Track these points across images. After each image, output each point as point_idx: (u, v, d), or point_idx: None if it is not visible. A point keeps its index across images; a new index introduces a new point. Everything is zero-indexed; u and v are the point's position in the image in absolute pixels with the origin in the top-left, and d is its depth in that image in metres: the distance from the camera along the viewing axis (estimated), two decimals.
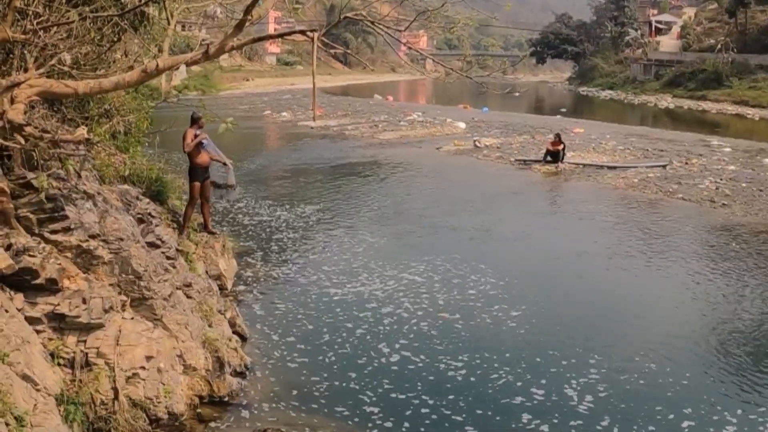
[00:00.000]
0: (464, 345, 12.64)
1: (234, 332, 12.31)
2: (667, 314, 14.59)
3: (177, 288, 11.31)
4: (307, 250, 18.16)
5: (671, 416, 10.43)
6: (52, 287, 9.06)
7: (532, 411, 10.48)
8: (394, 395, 10.89)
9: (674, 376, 11.67)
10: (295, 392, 10.95)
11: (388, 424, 10.10)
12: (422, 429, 10.00)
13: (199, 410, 10.18)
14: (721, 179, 28.36)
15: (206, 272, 13.79)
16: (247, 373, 11.33)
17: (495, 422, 10.25)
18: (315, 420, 10.21)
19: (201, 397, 10.36)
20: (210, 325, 11.55)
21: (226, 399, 10.51)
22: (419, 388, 11.08)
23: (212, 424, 9.98)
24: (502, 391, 11.08)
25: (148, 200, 12.61)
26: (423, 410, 10.47)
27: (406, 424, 10.09)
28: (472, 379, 11.48)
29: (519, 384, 11.28)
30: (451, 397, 10.90)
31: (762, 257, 18.41)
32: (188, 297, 11.64)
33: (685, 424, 10.28)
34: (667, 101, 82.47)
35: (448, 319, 13.31)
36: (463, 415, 10.38)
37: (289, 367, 11.80)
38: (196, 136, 14.28)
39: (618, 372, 11.74)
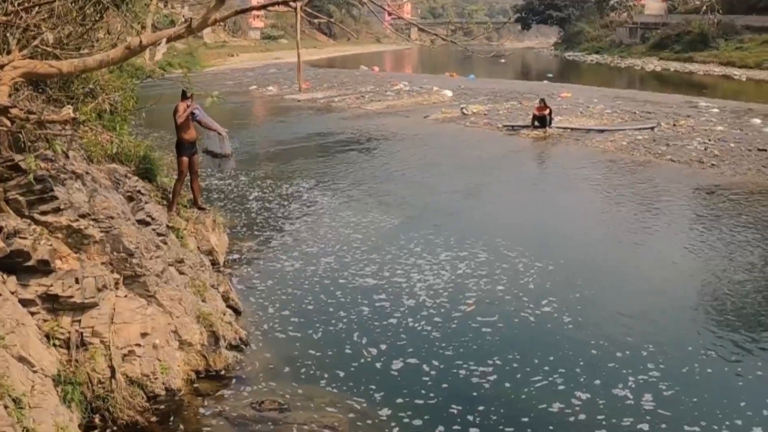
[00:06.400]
0: (464, 317, 12.70)
1: (228, 306, 12.34)
2: (661, 275, 14.68)
3: (169, 264, 11.33)
4: (299, 223, 18.18)
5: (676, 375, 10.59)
6: (44, 268, 9.06)
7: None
8: (391, 366, 10.97)
9: (670, 338, 11.82)
10: (291, 365, 11.02)
11: (385, 395, 10.18)
12: (420, 401, 10.06)
13: (196, 385, 10.24)
14: (709, 140, 28.39)
15: (198, 248, 13.81)
16: (242, 346, 11.39)
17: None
18: (312, 392, 10.27)
19: (198, 372, 10.41)
20: (203, 300, 11.59)
21: (223, 373, 10.57)
22: (417, 358, 11.15)
23: (210, 399, 10.04)
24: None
25: (136, 178, 12.60)
26: (421, 381, 10.54)
27: (404, 396, 10.16)
28: (471, 344, 11.60)
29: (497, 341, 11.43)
30: (449, 354, 11.10)
31: (752, 216, 18.52)
32: (181, 273, 11.67)
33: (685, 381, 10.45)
34: (653, 64, 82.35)
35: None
36: (465, 381, 10.52)
37: (285, 340, 11.87)
38: (188, 107, 14.24)
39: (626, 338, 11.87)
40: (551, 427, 9.38)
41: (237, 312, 12.60)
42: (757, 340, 11.83)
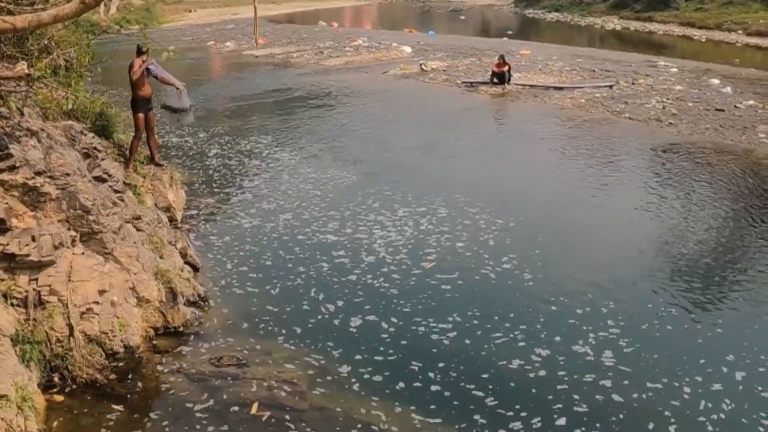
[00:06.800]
0: (423, 274, 12.76)
1: (186, 263, 12.30)
2: (619, 233, 14.86)
3: (126, 221, 11.23)
4: (257, 180, 18.11)
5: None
6: (0, 227, 8.96)
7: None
8: (349, 323, 11.03)
9: (629, 295, 12.02)
10: (249, 321, 11.05)
11: (344, 352, 10.24)
12: (380, 358, 10.13)
13: (154, 342, 10.26)
14: (667, 99, 28.53)
15: (155, 204, 13.69)
16: (200, 303, 11.39)
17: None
18: (270, 347, 10.33)
19: (156, 329, 10.42)
20: (161, 257, 11.54)
21: (181, 329, 10.58)
22: (375, 315, 11.22)
23: (169, 355, 10.06)
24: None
25: (93, 135, 12.43)
26: (380, 338, 10.61)
27: (363, 353, 10.23)
28: (430, 301, 11.68)
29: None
30: (408, 311, 11.19)
31: (709, 175, 18.72)
32: (138, 230, 11.58)
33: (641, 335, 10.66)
34: (613, 23, 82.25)
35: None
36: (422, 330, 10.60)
37: (243, 296, 11.88)
38: (143, 63, 14.04)
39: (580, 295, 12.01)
40: (512, 384, 9.50)
41: (195, 268, 12.58)
42: (715, 298, 12.04)
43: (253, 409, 8.99)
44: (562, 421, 8.77)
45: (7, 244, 8.97)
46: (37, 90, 11.55)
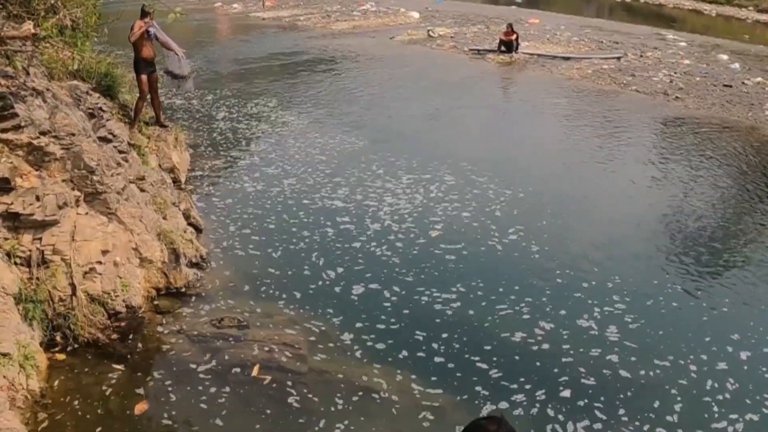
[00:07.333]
0: (428, 243, 12.72)
1: (189, 224, 12.31)
2: (626, 207, 14.81)
3: (130, 182, 11.22)
4: (262, 144, 18.02)
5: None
6: (4, 186, 8.94)
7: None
8: (351, 290, 11.02)
9: (635, 271, 11.98)
10: (250, 283, 11.07)
11: (345, 319, 10.25)
12: (382, 326, 10.13)
13: (156, 302, 10.31)
14: (675, 73, 28.32)
15: (159, 165, 13.65)
16: (203, 264, 11.42)
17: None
18: (271, 310, 10.37)
19: (158, 290, 10.46)
20: (164, 218, 11.54)
21: (183, 290, 10.63)
22: (378, 284, 11.20)
23: (170, 316, 10.10)
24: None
25: (98, 95, 12.38)
26: (382, 307, 10.61)
27: (365, 320, 10.23)
28: (434, 271, 11.66)
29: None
30: (411, 281, 11.14)
31: (715, 149, 18.64)
32: (142, 190, 11.57)
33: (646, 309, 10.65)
34: None
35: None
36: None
37: (245, 258, 11.88)
38: (144, 24, 13.95)
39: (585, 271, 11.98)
40: (516, 357, 9.49)
41: (198, 230, 12.59)
42: (722, 275, 12.01)
43: (254, 372, 9.02)
44: (566, 393, 8.79)
45: (12, 203, 8.94)
46: (43, 50, 11.47)
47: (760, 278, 11.93)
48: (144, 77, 14.11)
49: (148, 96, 14.34)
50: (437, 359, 9.36)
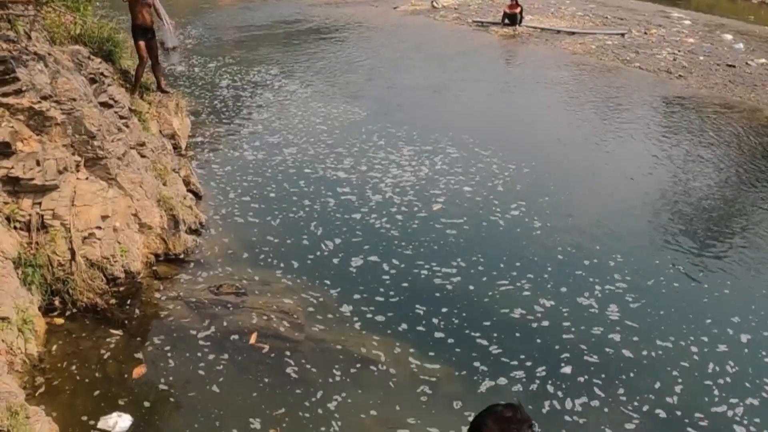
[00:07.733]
0: (429, 217, 12.67)
1: (188, 191, 12.32)
2: (628, 186, 14.73)
3: (131, 147, 11.17)
4: (264, 112, 17.92)
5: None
6: (5, 150, 8.91)
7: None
8: (350, 262, 10.99)
9: (637, 250, 11.92)
10: (249, 250, 11.07)
11: (343, 290, 10.23)
12: (381, 299, 10.11)
13: (155, 268, 10.30)
14: (679, 51, 28.17)
15: (160, 131, 13.60)
16: (202, 230, 11.43)
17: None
18: (269, 278, 10.37)
19: (157, 255, 10.46)
20: (164, 184, 11.52)
21: (182, 256, 10.63)
22: (377, 256, 11.17)
23: (168, 282, 10.12)
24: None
25: (99, 60, 12.28)
26: (381, 279, 10.58)
27: (363, 292, 10.21)
28: (434, 245, 11.63)
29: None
30: (410, 254, 11.14)
31: (716, 129, 18.57)
32: (142, 156, 11.53)
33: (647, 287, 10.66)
34: None
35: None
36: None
37: (244, 226, 11.88)
38: None
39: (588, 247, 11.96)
40: (516, 333, 9.48)
41: (197, 196, 12.57)
42: (723, 257, 11.97)
43: (252, 339, 9.05)
44: (566, 370, 8.80)
45: (12, 168, 8.91)
46: (45, 14, 11.38)
47: (761, 261, 11.88)
48: (142, 44, 14.03)
49: (149, 62, 14.26)
50: (436, 333, 9.35)
